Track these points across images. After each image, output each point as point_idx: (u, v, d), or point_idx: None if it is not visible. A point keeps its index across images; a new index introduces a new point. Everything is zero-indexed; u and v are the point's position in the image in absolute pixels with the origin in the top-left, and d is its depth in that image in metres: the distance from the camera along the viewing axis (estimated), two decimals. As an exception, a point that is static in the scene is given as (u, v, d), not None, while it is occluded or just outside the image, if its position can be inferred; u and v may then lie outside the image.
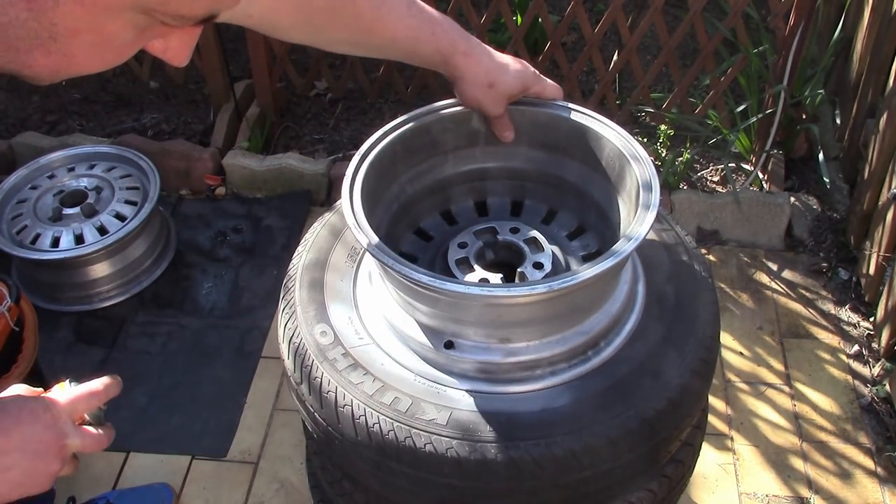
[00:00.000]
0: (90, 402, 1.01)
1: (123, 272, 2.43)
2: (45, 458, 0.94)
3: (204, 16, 0.66)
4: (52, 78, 0.67)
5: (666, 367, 1.17)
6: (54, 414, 0.96)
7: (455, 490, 1.13)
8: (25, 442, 0.93)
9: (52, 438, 0.95)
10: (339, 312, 1.26)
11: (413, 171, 1.35)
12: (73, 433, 0.97)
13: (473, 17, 2.68)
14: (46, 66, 0.65)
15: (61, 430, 0.96)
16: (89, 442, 1.00)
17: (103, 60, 0.67)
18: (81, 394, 1.00)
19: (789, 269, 2.50)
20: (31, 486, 0.94)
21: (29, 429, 0.93)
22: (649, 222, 1.11)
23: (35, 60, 0.64)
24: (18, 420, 0.93)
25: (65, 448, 0.96)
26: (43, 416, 0.95)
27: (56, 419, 0.96)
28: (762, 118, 2.64)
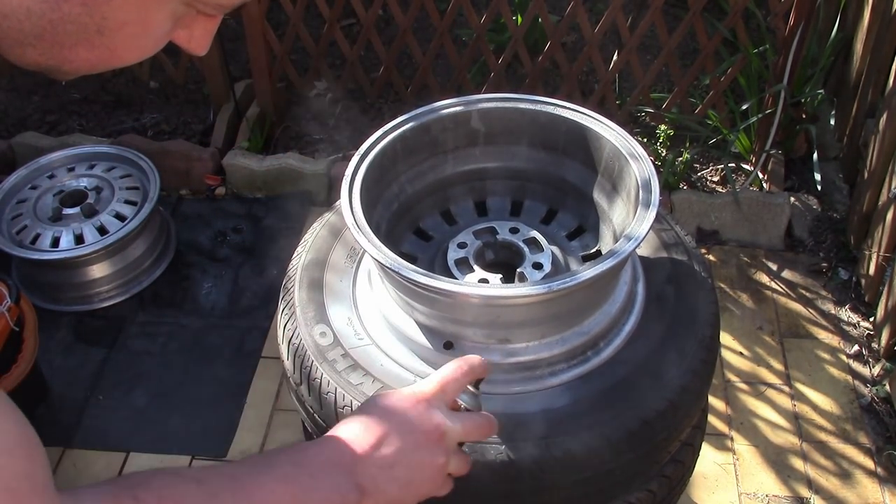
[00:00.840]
0: (459, 383, 0.89)
1: (123, 272, 2.43)
2: (427, 448, 0.84)
3: (240, 3, 0.68)
4: (90, 71, 0.68)
5: (666, 368, 1.17)
6: (424, 400, 0.86)
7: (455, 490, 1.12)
8: (401, 433, 0.83)
9: (427, 426, 0.84)
10: (339, 313, 1.26)
11: (413, 170, 1.35)
12: (450, 419, 0.86)
13: (473, 17, 2.68)
14: (88, 60, 0.66)
15: (436, 417, 0.85)
16: (471, 427, 0.88)
17: (142, 51, 0.68)
18: (447, 375, 0.89)
19: (789, 269, 2.50)
20: (422, 482, 0.84)
21: (401, 418, 0.83)
22: (649, 222, 1.11)
23: (77, 55, 0.65)
24: (388, 412, 0.84)
25: (444, 436, 0.85)
26: (411, 405, 0.85)
27: (427, 405, 0.85)
28: (762, 118, 2.64)
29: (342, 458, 0.81)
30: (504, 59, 2.76)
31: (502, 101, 1.34)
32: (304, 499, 0.78)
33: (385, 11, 3.02)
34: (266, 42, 2.79)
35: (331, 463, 0.81)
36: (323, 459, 0.81)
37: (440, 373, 0.89)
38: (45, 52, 0.64)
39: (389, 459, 0.82)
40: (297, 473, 0.78)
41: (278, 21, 3.06)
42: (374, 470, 0.82)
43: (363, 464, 0.81)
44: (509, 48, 2.73)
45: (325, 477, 0.79)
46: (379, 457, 0.82)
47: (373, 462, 0.82)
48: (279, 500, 0.76)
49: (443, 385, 0.88)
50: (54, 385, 2.22)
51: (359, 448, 0.82)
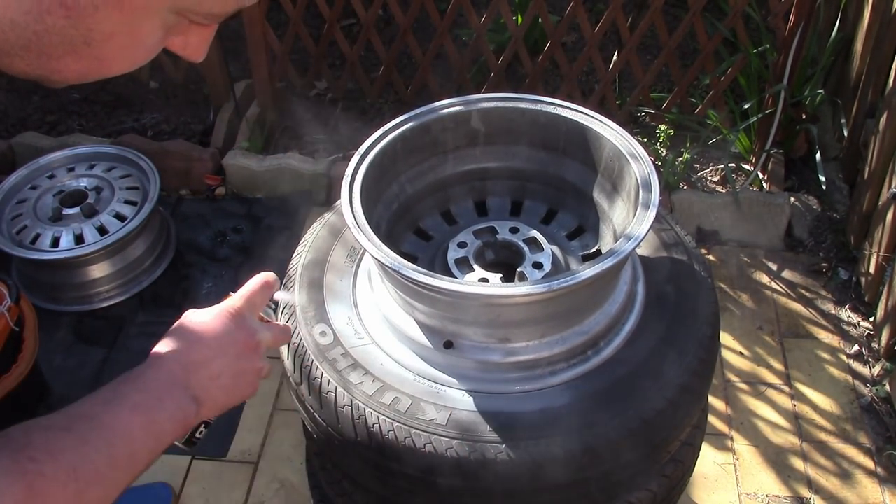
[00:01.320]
0: (264, 294, 1.00)
1: (123, 272, 2.43)
2: (246, 356, 0.93)
3: (232, 13, 0.68)
4: (79, 81, 0.68)
5: (666, 367, 1.17)
6: (237, 312, 0.95)
7: (455, 490, 1.13)
8: (223, 345, 0.92)
9: (245, 336, 0.94)
10: (339, 312, 1.26)
11: (413, 170, 1.35)
12: (261, 328, 0.97)
13: (473, 17, 2.68)
14: (76, 71, 0.66)
15: (251, 327, 0.95)
16: (278, 333, 1.00)
17: (132, 61, 0.68)
18: (254, 289, 1.00)
19: (789, 269, 2.50)
20: (244, 387, 0.94)
21: (221, 331, 0.92)
22: (649, 222, 1.11)
23: (66, 66, 0.64)
24: (207, 326, 0.92)
25: (259, 344, 0.96)
26: (231, 318, 0.94)
27: (241, 317, 0.95)
28: (762, 118, 2.64)
29: (178, 377, 0.88)
30: (504, 59, 2.76)
31: (502, 101, 1.34)
32: (156, 419, 0.85)
33: (385, 11, 3.02)
34: (266, 42, 2.79)
35: (169, 383, 0.88)
36: (163, 380, 0.87)
37: (245, 289, 1.00)
38: (33, 63, 0.64)
39: (216, 370, 0.91)
40: (145, 399, 0.85)
41: (278, 21, 3.06)
42: (206, 381, 0.90)
43: (195, 377, 0.89)
44: (509, 48, 2.73)
45: (167, 397, 0.87)
46: (208, 368, 0.90)
47: (203, 374, 0.90)
48: (137, 428, 0.83)
49: (250, 299, 0.98)
50: (54, 385, 2.22)
51: (189, 363, 0.90)
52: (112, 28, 0.62)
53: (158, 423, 0.85)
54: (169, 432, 0.87)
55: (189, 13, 0.65)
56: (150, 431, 0.84)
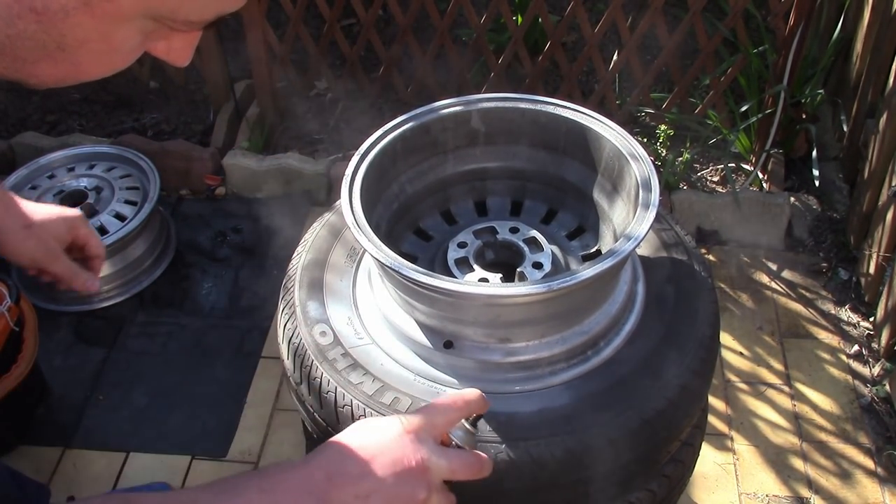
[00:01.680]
0: (452, 415, 0.86)
1: (123, 272, 2.43)
2: (406, 482, 0.81)
3: (212, 20, 0.66)
4: (58, 85, 0.67)
5: (666, 367, 1.17)
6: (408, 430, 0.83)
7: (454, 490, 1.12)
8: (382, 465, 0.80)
9: (409, 458, 0.81)
10: (339, 312, 1.26)
11: (413, 170, 1.35)
12: (435, 453, 0.83)
13: (473, 17, 2.68)
14: (53, 75, 0.65)
15: (420, 449, 0.82)
16: (458, 465, 0.85)
17: (110, 66, 0.67)
18: (439, 407, 0.87)
19: (789, 269, 2.50)
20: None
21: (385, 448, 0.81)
22: (649, 222, 1.11)
23: (41, 70, 0.64)
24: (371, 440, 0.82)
25: (428, 471, 0.82)
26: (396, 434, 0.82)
27: (412, 437, 0.82)
28: (762, 118, 2.64)
29: (315, 486, 0.79)
30: (504, 59, 2.76)
31: (502, 101, 1.34)
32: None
33: (385, 11, 3.02)
34: (266, 42, 2.80)
35: (301, 490, 0.78)
36: (293, 485, 0.78)
37: (433, 404, 0.87)
38: (9, 66, 0.63)
39: (366, 489, 0.80)
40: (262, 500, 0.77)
41: (278, 21, 3.06)
42: (349, 498, 0.79)
43: (337, 492, 0.79)
44: (509, 48, 2.73)
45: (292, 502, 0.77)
46: (356, 486, 0.80)
47: (349, 491, 0.80)
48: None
49: (433, 416, 0.86)
50: (54, 385, 2.22)
51: (335, 475, 0.80)
52: (85, 34, 0.61)
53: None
54: None
55: (167, 20, 0.64)
56: None
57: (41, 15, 0.59)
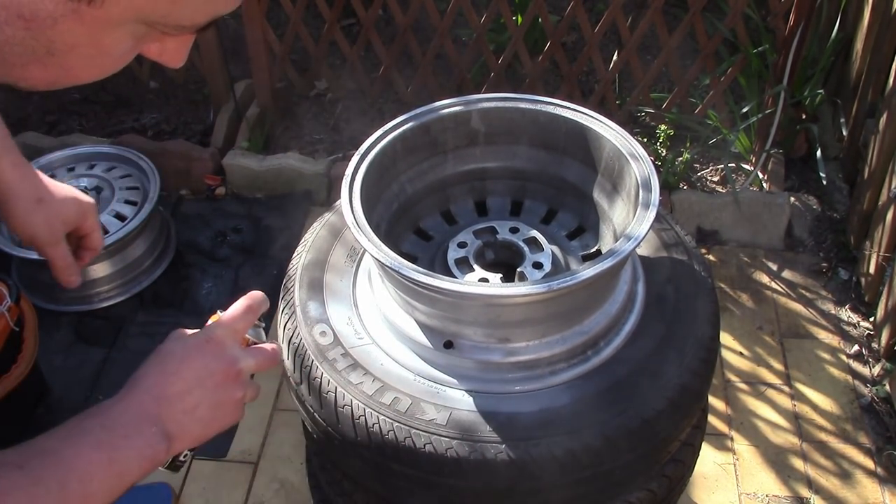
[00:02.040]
0: (247, 319, 0.95)
1: (123, 272, 2.43)
2: (225, 387, 0.90)
3: (204, 24, 0.66)
4: (49, 88, 0.68)
5: (665, 367, 1.17)
6: (217, 341, 0.91)
7: (455, 490, 1.13)
8: (200, 377, 0.88)
9: (224, 366, 0.90)
10: (339, 312, 1.26)
11: (413, 170, 1.35)
12: (242, 355, 0.93)
13: (473, 17, 2.68)
14: (43, 79, 0.65)
15: (231, 356, 0.91)
16: (262, 359, 0.95)
17: (101, 70, 0.67)
18: (236, 313, 0.95)
19: (789, 269, 2.50)
20: (223, 417, 0.91)
21: (199, 363, 0.89)
22: (649, 222, 1.11)
23: (31, 74, 0.64)
24: (185, 357, 0.89)
25: (240, 372, 0.92)
26: (207, 347, 0.90)
27: (221, 345, 0.91)
28: (762, 118, 2.64)
29: (148, 411, 0.85)
30: (504, 59, 2.76)
31: (502, 101, 1.35)
32: (120, 458, 0.82)
33: (385, 11, 3.02)
34: (266, 42, 2.80)
35: (139, 418, 0.84)
36: (131, 416, 0.84)
37: (229, 312, 0.95)
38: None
39: (193, 402, 0.87)
40: (110, 436, 0.82)
41: (278, 21, 3.07)
42: (179, 415, 0.87)
43: (169, 412, 0.86)
44: (509, 48, 2.73)
45: (135, 434, 0.83)
46: (183, 402, 0.87)
47: (177, 408, 0.86)
48: (97, 467, 0.79)
49: (233, 324, 0.93)
50: (54, 385, 2.22)
51: (163, 396, 0.86)
52: (74, 39, 0.61)
53: (121, 462, 0.82)
54: (135, 469, 0.83)
55: (158, 25, 0.64)
56: (112, 470, 0.81)
57: (30, 22, 0.58)
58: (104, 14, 0.59)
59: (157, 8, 0.61)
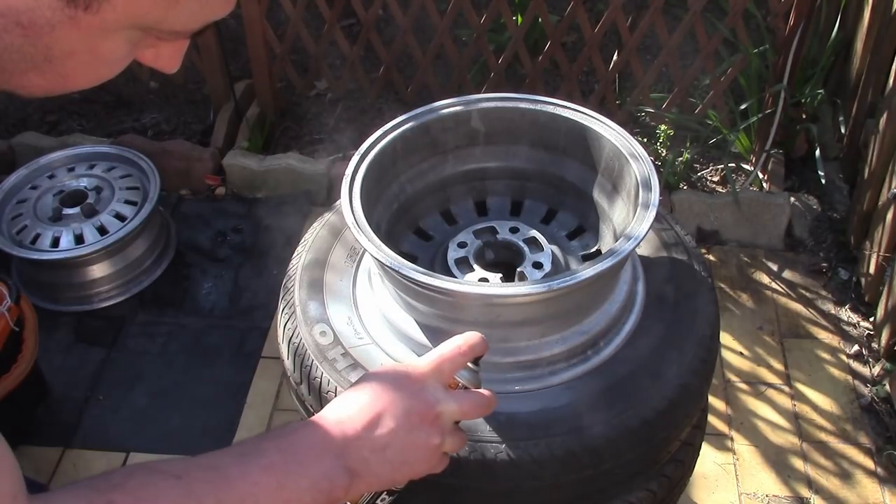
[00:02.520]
0: (457, 361, 0.88)
1: (123, 272, 2.43)
2: (420, 429, 0.83)
3: (198, 29, 0.66)
4: (46, 94, 0.68)
5: (665, 367, 1.17)
6: (418, 378, 0.84)
7: (455, 490, 1.13)
8: (394, 415, 0.82)
9: (422, 406, 0.83)
10: (339, 312, 1.26)
11: (413, 170, 1.35)
12: (445, 398, 0.85)
13: (473, 17, 2.68)
14: (41, 86, 0.66)
15: (432, 396, 0.84)
16: (468, 406, 0.86)
17: (98, 76, 0.67)
18: (445, 354, 0.88)
19: (789, 269, 2.50)
20: (416, 463, 0.84)
21: (394, 399, 0.82)
22: (649, 221, 1.11)
23: (29, 81, 0.65)
24: (380, 391, 0.83)
25: (440, 416, 0.84)
26: (406, 383, 0.84)
27: (422, 383, 0.84)
28: (762, 118, 2.64)
29: (332, 442, 0.80)
30: (504, 59, 2.76)
31: (502, 101, 1.34)
32: (291, 486, 0.77)
33: (385, 11, 3.02)
34: (266, 42, 2.80)
35: (319, 447, 0.80)
36: (311, 443, 0.80)
37: (437, 350, 0.88)
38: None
39: (382, 441, 0.81)
40: (284, 461, 0.78)
41: (278, 21, 3.06)
42: (366, 452, 0.81)
43: (354, 446, 0.81)
44: (509, 48, 2.73)
45: (313, 462, 0.79)
46: (371, 439, 0.81)
47: (364, 444, 0.81)
48: (264, 490, 0.75)
49: (440, 363, 0.87)
50: (54, 385, 2.22)
51: (350, 430, 0.81)
52: (71, 46, 0.61)
53: (291, 489, 0.77)
54: (306, 499, 0.78)
55: (153, 31, 0.64)
56: (279, 497, 0.76)
57: (27, 29, 0.59)
58: (100, 20, 0.60)
59: (152, 13, 0.61)
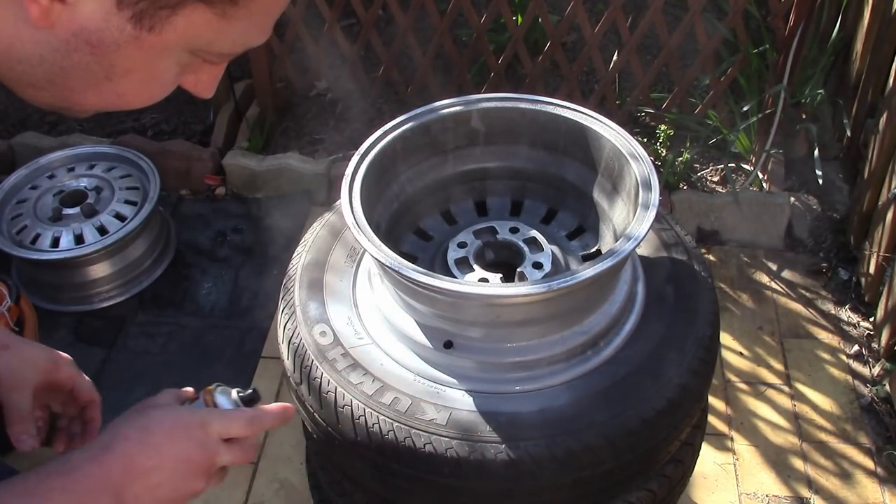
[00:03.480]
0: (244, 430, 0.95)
1: (123, 272, 2.43)
2: (194, 477, 0.91)
3: (240, 53, 0.75)
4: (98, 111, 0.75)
5: (665, 368, 1.17)
6: (208, 432, 0.92)
7: (455, 490, 1.13)
8: (177, 461, 0.90)
9: (203, 458, 0.91)
10: (339, 312, 1.26)
11: (413, 170, 1.35)
12: (223, 451, 0.93)
13: (473, 17, 2.68)
14: (97, 104, 0.72)
15: (213, 450, 0.92)
16: (239, 456, 0.96)
17: (150, 95, 0.74)
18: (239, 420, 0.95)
19: (789, 269, 2.50)
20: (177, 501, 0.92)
21: (182, 447, 0.90)
22: (649, 222, 1.11)
23: (87, 98, 0.71)
24: (172, 437, 0.90)
25: (214, 465, 0.93)
26: (196, 435, 0.91)
27: (208, 438, 0.92)
28: (762, 118, 2.64)
29: (112, 482, 0.87)
30: (504, 59, 2.76)
31: (502, 101, 1.35)
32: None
33: (385, 11, 3.02)
34: (266, 42, 2.79)
35: (99, 486, 0.86)
36: (93, 483, 0.86)
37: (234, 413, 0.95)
38: (57, 95, 0.70)
39: (158, 480, 0.89)
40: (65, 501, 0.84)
41: (278, 21, 3.05)
42: (141, 490, 0.88)
43: (132, 486, 0.87)
44: (509, 48, 2.73)
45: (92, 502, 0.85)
46: (149, 478, 0.88)
47: (142, 484, 0.88)
48: None
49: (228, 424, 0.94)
50: (54, 385, 2.21)
51: (130, 470, 0.87)
52: (131, 64, 0.67)
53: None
54: None
55: (202, 53, 0.71)
56: None
57: (95, 47, 0.65)
58: (161, 41, 0.66)
59: (204, 36, 0.68)
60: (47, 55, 0.65)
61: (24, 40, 0.65)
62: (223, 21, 0.68)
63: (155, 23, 0.65)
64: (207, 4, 0.66)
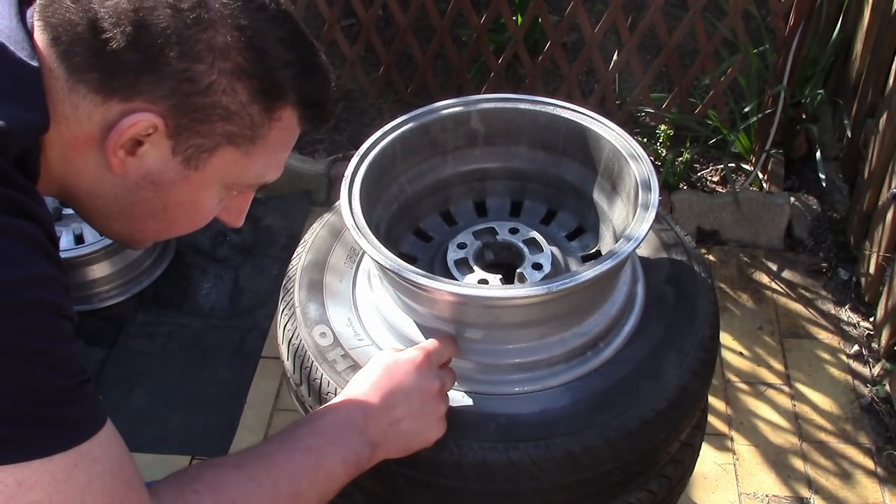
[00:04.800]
0: (445, 353, 1.07)
1: (123, 272, 2.43)
2: (430, 404, 1.01)
3: (263, 185, 0.92)
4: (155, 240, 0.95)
5: (665, 368, 1.17)
6: (431, 362, 1.03)
7: (455, 491, 1.13)
8: (408, 394, 1.00)
9: (430, 384, 1.01)
10: (339, 313, 1.26)
11: (412, 171, 1.35)
12: (445, 376, 1.05)
13: (473, 17, 2.68)
14: (154, 231, 0.92)
15: (437, 375, 1.03)
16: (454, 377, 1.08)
17: (195, 223, 0.92)
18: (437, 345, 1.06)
19: (789, 269, 2.50)
20: (427, 432, 1.02)
21: (409, 380, 1.00)
22: (649, 222, 1.11)
23: (147, 227, 0.90)
24: (396, 374, 1.01)
25: (443, 389, 1.03)
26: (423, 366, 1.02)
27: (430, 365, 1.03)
28: (762, 118, 2.64)
29: (356, 421, 0.97)
30: (504, 59, 2.76)
31: (502, 102, 1.34)
32: (326, 463, 0.94)
33: (385, 11, 3.02)
34: (266, 42, 2.79)
35: (346, 426, 0.97)
36: (339, 425, 0.96)
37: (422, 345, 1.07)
38: (125, 224, 0.89)
39: (397, 416, 0.99)
40: (319, 442, 0.94)
41: (278, 21, 3.06)
42: (384, 426, 0.99)
43: (374, 422, 0.98)
44: (509, 48, 2.73)
45: (341, 440, 0.95)
46: (388, 415, 0.99)
47: (382, 419, 0.98)
48: (305, 469, 0.92)
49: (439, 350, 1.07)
50: (54, 385, 2.21)
51: (370, 409, 0.98)
52: (182, 198, 0.87)
53: (328, 466, 0.94)
54: (340, 473, 0.95)
55: (233, 185, 0.90)
56: (319, 473, 0.93)
57: (157, 185, 0.84)
58: (203, 177, 0.85)
59: (234, 171, 0.87)
60: (120, 193, 0.84)
61: (104, 181, 0.84)
62: (247, 158, 0.86)
63: (199, 163, 0.84)
64: (235, 146, 0.85)
